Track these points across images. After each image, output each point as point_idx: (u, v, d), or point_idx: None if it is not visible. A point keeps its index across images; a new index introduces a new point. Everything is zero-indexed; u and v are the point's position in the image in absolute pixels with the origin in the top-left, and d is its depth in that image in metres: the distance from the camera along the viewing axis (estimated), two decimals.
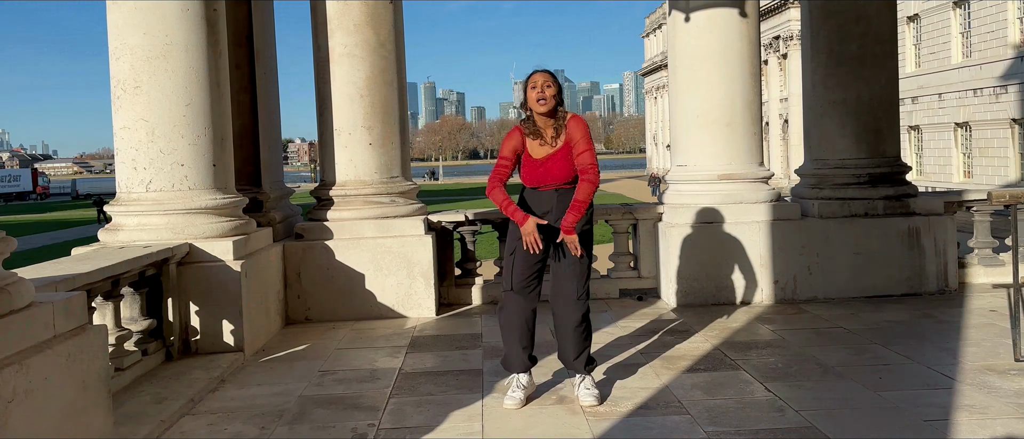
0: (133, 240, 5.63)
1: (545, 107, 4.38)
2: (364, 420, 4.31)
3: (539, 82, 4.39)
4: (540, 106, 4.38)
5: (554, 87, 4.41)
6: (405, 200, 7.23)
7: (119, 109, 5.75)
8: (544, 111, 4.39)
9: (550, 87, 4.39)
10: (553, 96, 4.40)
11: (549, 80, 4.41)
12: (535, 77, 4.43)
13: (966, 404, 4.23)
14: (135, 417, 4.32)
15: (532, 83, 4.43)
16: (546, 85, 4.38)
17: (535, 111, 4.41)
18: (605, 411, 4.33)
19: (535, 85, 4.40)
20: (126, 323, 5.17)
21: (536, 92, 4.38)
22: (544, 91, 4.37)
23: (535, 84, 4.40)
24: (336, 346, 5.99)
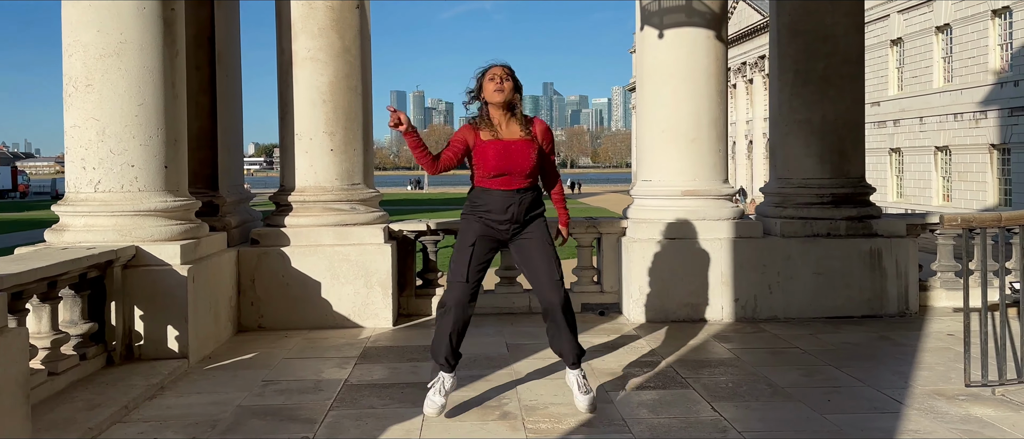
0: (79, 241, 5.50)
1: (501, 97, 4.31)
2: (299, 432, 4.20)
3: (498, 73, 4.34)
4: (496, 96, 4.31)
5: (511, 80, 4.35)
6: (366, 208, 7.13)
7: (70, 107, 5.63)
8: (500, 101, 4.31)
9: (507, 80, 4.33)
10: (511, 88, 4.34)
11: (507, 73, 4.35)
12: (494, 69, 4.37)
13: (910, 429, 4.18)
14: (62, 424, 4.18)
15: (491, 75, 4.36)
16: (504, 77, 4.33)
17: (491, 101, 4.33)
18: (547, 429, 4.25)
19: (494, 76, 4.33)
20: (64, 326, 5.04)
21: (495, 83, 4.31)
22: (502, 83, 4.31)
23: (494, 75, 4.34)
24: (285, 355, 5.87)
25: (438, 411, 4.35)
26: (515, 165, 4.32)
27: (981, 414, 4.38)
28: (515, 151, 4.33)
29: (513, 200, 4.35)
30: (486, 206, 4.37)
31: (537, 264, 4.41)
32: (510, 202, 4.34)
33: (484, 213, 4.38)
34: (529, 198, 4.40)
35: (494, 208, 4.36)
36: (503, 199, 4.35)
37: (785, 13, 7.45)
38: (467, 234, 4.43)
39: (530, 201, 4.41)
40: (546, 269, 4.39)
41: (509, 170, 4.32)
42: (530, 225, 4.43)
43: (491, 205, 4.36)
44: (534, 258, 4.41)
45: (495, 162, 4.31)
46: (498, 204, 4.35)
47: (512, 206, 4.34)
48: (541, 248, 4.41)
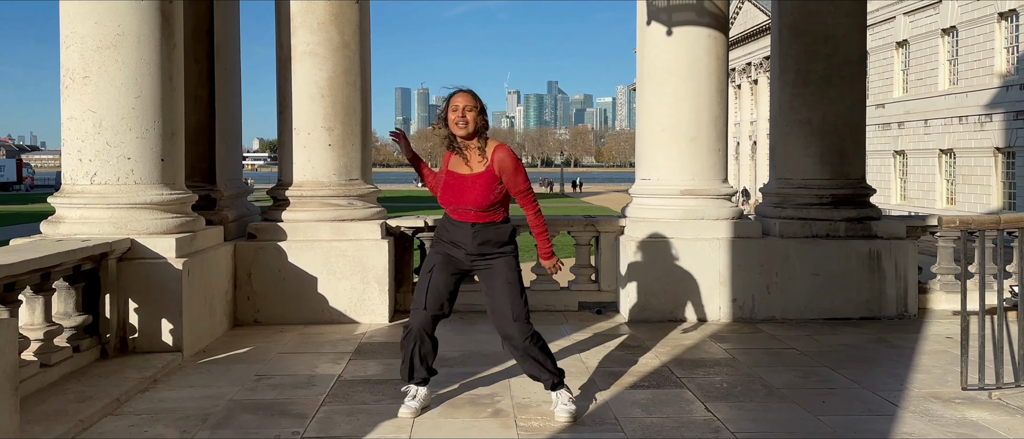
0: (74, 233, 5.49)
1: (464, 131, 4.26)
2: (289, 427, 4.19)
3: (460, 105, 4.27)
4: (458, 129, 4.27)
5: (475, 110, 4.28)
6: (363, 203, 7.12)
7: (67, 99, 5.62)
8: (463, 135, 4.28)
9: (471, 110, 4.26)
10: (474, 119, 4.26)
11: (471, 103, 4.28)
12: (456, 99, 4.30)
13: (905, 432, 4.15)
14: (53, 416, 4.18)
15: (453, 105, 4.29)
16: (467, 109, 4.26)
17: (455, 133, 4.30)
18: (539, 426, 4.23)
19: (456, 108, 4.27)
20: (57, 318, 5.04)
21: (457, 115, 4.26)
22: (465, 114, 4.25)
23: (456, 107, 4.28)
24: (279, 350, 5.86)
25: (414, 413, 4.34)
26: (464, 201, 4.29)
27: (976, 417, 4.34)
28: (466, 186, 4.28)
29: (468, 232, 4.31)
30: (447, 234, 4.39)
31: (498, 300, 4.33)
32: (465, 234, 4.31)
33: (445, 240, 4.39)
34: (488, 233, 4.30)
35: (454, 238, 4.36)
36: (460, 230, 4.34)
37: (787, 13, 7.42)
38: (429, 260, 4.46)
39: (490, 236, 4.30)
40: (506, 305, 4.29)
41: (458, 205, 4.31)
42: (496, 259, 4.34)
43: (451, 234, 4.38)
44: (496, 293, 4.33)
45: (446, 195, 4.34)
46: (456, 234, 4.35)
47: (467, 239, 4.31)
48: (503, 284, 4.31)
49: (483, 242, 4.30)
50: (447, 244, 4.39)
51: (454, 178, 4.32)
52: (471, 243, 4.30)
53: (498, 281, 4.32)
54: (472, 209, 4.27)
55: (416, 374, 4.42)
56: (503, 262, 4.33)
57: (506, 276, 4.31)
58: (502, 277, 4.31)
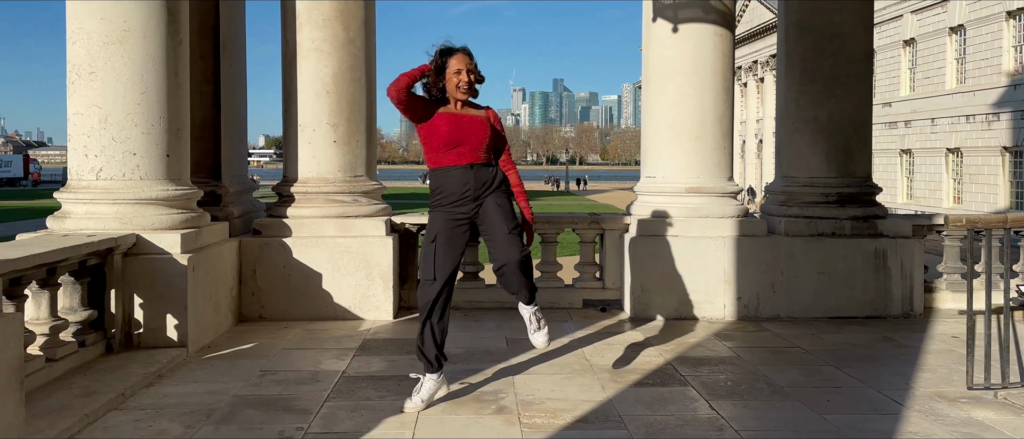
0: (80, 228, 5.51)
1: (465, 95, 4.28)
2: (293, 423, 4.19)
3: (463, 68, 4.23)
4: (460, 93, 4.26)
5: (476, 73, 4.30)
6: (368, 200, 7.12)
7: (73, 94, 5.63)
8: (464, 99, 4.29)
9: (473, 73, 4.27)
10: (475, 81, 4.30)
11: (472, 65, 4.27)
12: (456, 61, 4.23)
13: (909, 431, 4.13)
14: (58, 410, 4.19)
15: (454, 67, 4.22)
16: (471, 71, 4.26)
17: (453, 96, 4.28)
18: (542, 423, 4.23)
19: (459, 70, 4.22)
20: (63, 313, 5.05)
21: (461, 77, 4.22)
22: (470, 77, 4.24)
23: (459, 69, 4.22)
24: (284, 346, 5.87)
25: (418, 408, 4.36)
26: (468, 135, 4.27)
27: (982, 417, 4.33)
28: (467, 122, 4.29)
29: (469, 175, 4.30)
30: (444, 189, 4.33)
31: (494, 224, 4.33)
32: (466, 178, 4.29)
33: (445, 201, 4.34)
34: (486, 174, 4.34)
35: (453, 189, 4.31)
36: (460, 176, 4.29)
37: (793, 11, 7.39)
38: (431, 228, 4.41)
39: (487, 175, 4.34)
40: (502, 227, 4.31)
41: (462, 140, 4.27)
42: (493, 194, 4.37)
43: (449, 185, 4.31)
44: (491, 220, 4.33)
45: (447, 132, 4.26)
46: (454, 182, 4.30)
47: (469, 182, 4.29)
48: (497, 211, 4.33)
49: (483, 181, 4.33)
50: (448, 205, 4.35)
51: (455, 118, 4.29)
52: (473, 183, 4.29)
53: (490, 210, 4.33)
54: (475, 148, 4.29)
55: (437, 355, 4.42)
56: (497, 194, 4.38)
57: (498, 202, 4.35)
58: (494, 205, 4.34)
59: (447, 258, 4.33)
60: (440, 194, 4.37)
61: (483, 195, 4.34)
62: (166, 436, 4.00)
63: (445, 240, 4.33)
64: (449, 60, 4.25)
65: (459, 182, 4.30)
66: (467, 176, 4.30)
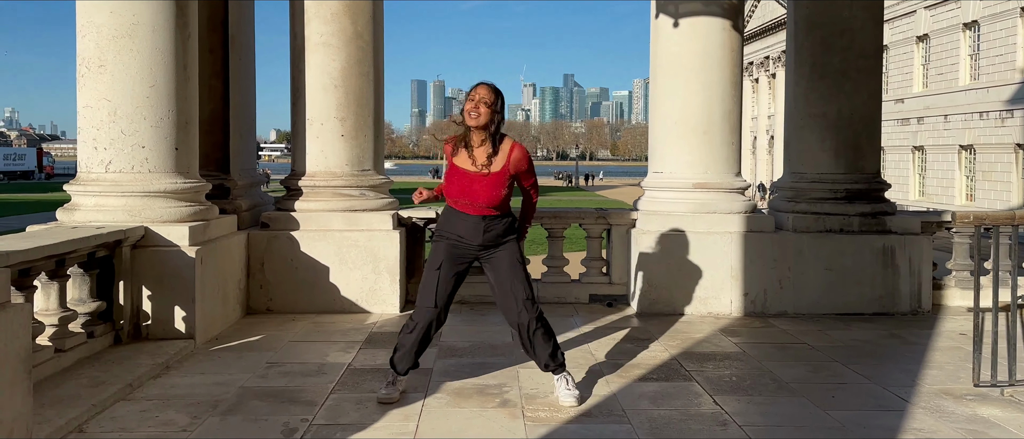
0: (89, 220, 5.55)
1: (475, 121, 4.29)
2: (298, 415, 4.22)
3: (476, 97, 4.31)
4: (470, 118, 4.31)
5: (488, 105, 4.29)
6: (375, 194, 7.14)
7: (83, 87, 5.67)
8: (474, 125, 4.31)
9: (484, 104, 4.29)
10: (488, 112, 4.29)
11: (489, 97, 4.31)
12: (476, 91, 4.34)
13: (914, 427, 4.12)
14: (67, 400, 4.23)
15: (470, 96, 4.34)
16: (483, 102, 4.29)
17: (466, 122, 4.34)
18: (546, 417, 4.24)
19: (472, 98, 4.32)
20: (72, 304, 5.10)
21: (471, 105, 4.30)
22: (478, 107, 4.29)
23: (473, 97, 4.32)
24: (290, 338, 5.90)
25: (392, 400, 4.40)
26: (474, 196, 4.33)
27: (988, 414, 4.31)
28: (476, 184, 4.32)
29: (478, 226, 4.37)
30: (452, 227, 4.42)
31: (505, 283, 4.41)
32: (474, 227, 4.37)
33: (450, 234, 4.42)
34: (496, 226, 4.39)
35: (460, 232, 4.40)
36: (466, 223, 4.38)
37: (803, 6, 7.35)
38: (435, 256, 4.47)
39: (497, 228, 4.39)
40: (517, 287, 4.38)
41: (468, 199, 4.35)
42: (502, 247, 4.43)
43: (457, 228, 4.41)
44: (503, 277, 4.42)
45: (454, 188, 4.37)
46: (462, 227, 4.40)
47: (477, 233, 4.37)
48: (509, 268, 4.40)
49: (492, 234, 4.38)
50: (454, 238, 4.41)
51: (462, 174, 4.34)
52: (480, 236, 4.36)
53: (504, 266, 4.40)
54: (483, 205, 4.33)
55: (408, 367, 4.50)
56: (508, 248, 4.42)
57: (513, 258, 4.42)
58: (508, 261, 4.41)
59: (448, 287, 4.42)
60: (448, 229, 4.43)
61: (491, 246, 4.42)
62: (173, 426, 4.03)
63: (449, 270, 4.41)
64: (472, 90, 4.37)
65: (468, 228, 4.38)
66: (477, 227, 4.37)
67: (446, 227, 4.45)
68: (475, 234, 4.37)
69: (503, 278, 4.41)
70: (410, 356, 4.48)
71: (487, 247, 4.40)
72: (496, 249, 4.42)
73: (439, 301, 4.39)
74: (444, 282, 4.39)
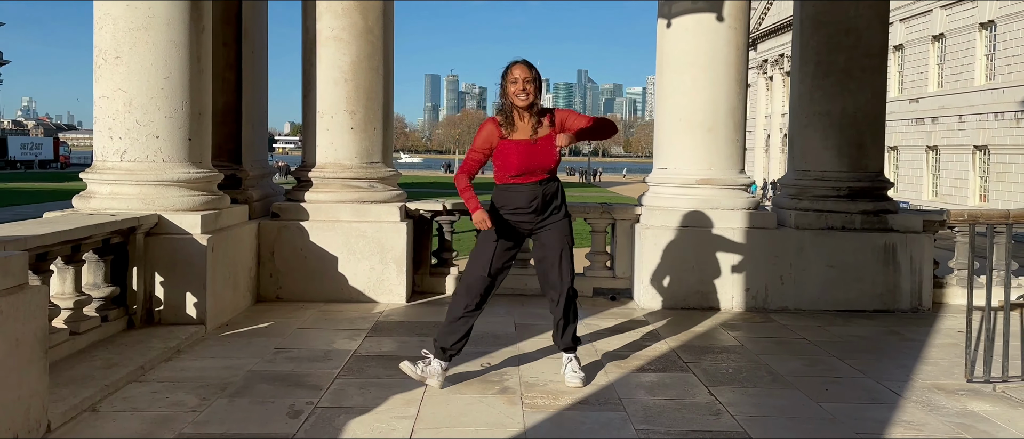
0: (104, 208, 5.71)
1: (526, 100, 4.43)
2: (304, 398, 4.36)
3: (519, 77, 4.43)
4: (520, 100, 4.43)
5: (534, 82, 4.45)
6: (384, 186, 7.27)
7: (99, 78, 5.82)
8: (524, 105, 4.44)
9: (530, 83, 4.43)
10: (534, 89, 4.45)
11: (529, 74, 4.44)
12: (515, 71, 4.46)
13: (904, 420, 4.21)
14: (81, 380, 4.38)
15: (512, 77, 4.46)
16: (527, 80, 4.43)
17: (515, 104, 4.46)
18: (543, 404, 4.35)
19: (515, 80, 4.44)
20: (87, 288, 5.25)
21: (517, 86, 4.42)
22: (526, 86, 4.42)
23: (515, 79, 4.44)
24: (299, 325, 6.04)
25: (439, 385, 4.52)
26: (538, 163, 4.50)
27: (978, 409, 4.39)
28: (539, 151, 4.48)
29: (536, 193, 4.53)
30: (511, 203, 4.55)
31: (552, 259, 4.60)
32: (533, 195, 4.53)
33: (509, 209, 4.55)
34: (551, 189, 4.58)
35: (519, 204, 4.54)
36: (527, 193, 4.53)
37: (809, 5, 7.41)
38: (490, 232, 4.56)
39: (552, 192, 4.59)
40: (564, 263, 4.60)
41: (531, 169, 4.49)
42: (555, 220, 4.61)
43: (516, 201, 4.54)
44: (552, 254, 4.61)
45: (518, 162, 4.48)
46: (522, 199, 4.54)
47: (536, 199, 4.53)
48: (560, 239, 4.61)
49: (550, 197, 4.55)
50: (510, 213, 4.54)
51: (522, 146, 4.46)
52: (540, 201, 4.52)
53: (555, 241, 4.58)
54: (544, 169, 4.50)
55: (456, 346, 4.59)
56: (564, 223, 4.63)
57: (565, 237, 4.62)
58: (560, 237, 4.60)
59: (502, 259, 4.58)
60: (507, 206, 4.57)
61: (548, 211, 4.58)
62: (182, 407, 4.17)
63: (506, 244, 4.57)
64: (509, 71, 4.48)
65: (527, 199, 4.53)
66: (535, 193, 4.53)
67: (502, 202, 4.56)
68: (536, 200, 4.51)
69: (550, 252, 4.59)
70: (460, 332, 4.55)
71: (545, 215, 4.55)
72: (553, 219, 4.57)
73: (493, 269, 4.53)
74: (500, 254, 4.54)
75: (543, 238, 4.62)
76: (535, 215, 4.55)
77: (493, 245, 4.55)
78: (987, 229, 4.65)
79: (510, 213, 4.56)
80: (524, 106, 4.45)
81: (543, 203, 4.54)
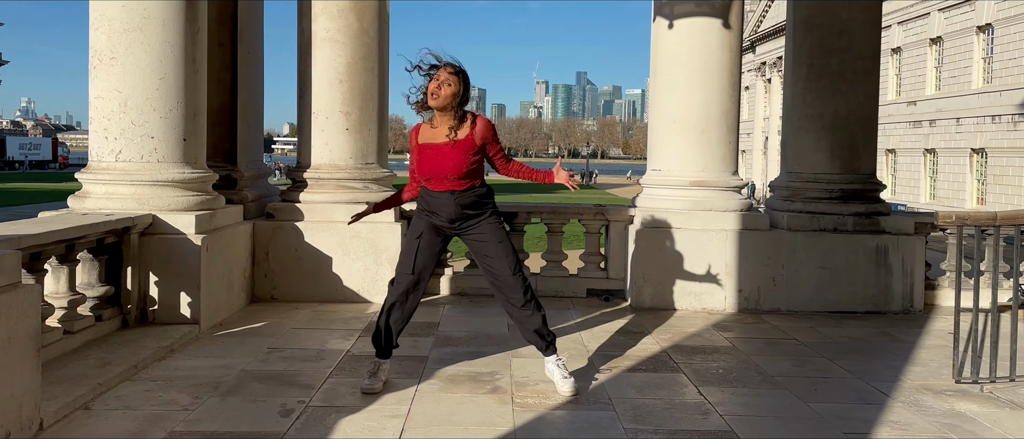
0: (99, 207, 5.73)
1: (435, 102, 4.33)
2: (296, 397, 4.39)
3: (441, 77, 4.34)
4: (431, 100, 4.34)
5: (454, 87, 4.32)
6: (379, 186, 7.30)
7: (95, 79, 5.84)
8: (434, 105, 4.35)
9: (450, 85, 4.32)
10: (450, 95, 4.31)
11: (450, 78, 4.33)
12: (440, 71, 4.36)
13: (891, 420, 4.24)
14: (74, 379, 4.40)
15: (436, 76, 4.36)
16: (445, 83, 4.32)
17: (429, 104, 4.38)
18: (534, 403, 4.38)
19: (437, 78, 4.35)
20: (81, 288, 5.28)
21: (434, 84, 4.34)
22: (440, 88, 4.32)
23: (438, 77, 4.35)
24: (293, 325, 6.07)
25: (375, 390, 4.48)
26: (440, 169, 4.39)
27: (965, 409, 4.42)
28: (441, 155, 4.37)
29: (448, 201, 4.43)
30: (428, 206, 4.53)
31: (493, 260, 4.50)
32: (446, 202, 4.44)
33: (428, 212, 4.54)
34: (466, 199, 4.44)
35: (434, 208, 4.50)
36: (438, 200, 4.46)
37: (802, 8, 7.45)
38: (415, 227, 4.59)
39: (468, 202, 4.45)
40: (502, 263, 4.48)
41: (435, 174, 4.41)
42: (481, 223, 4.50)
43: (431, 205, 4.51)
44: (489, 256, 4.51)
45: (423, 167, 4.45)
46: (435, 204, 4.48)
47: (448, 207, 4.44)
48: (494, 244, 4.49)
49: (465, 206, 4.44)
50: (429, 215, 4.53)
51: (429, 149, 4.41)
52: (453, 210, 4.43)
53: (489, 243, 4.49)
54: (450, 177, 4.38)
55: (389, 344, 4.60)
56: (488, 224, 4.51)
57: (494, 235, 4.49)
58: (491, 238, 4.49)
59: (426, 254, 4.53)
60: (425, 207, 4.55)
61: (468, 219, 4.49)
62: (174, 405, 4.20)
63: (429, 240, 4.54)
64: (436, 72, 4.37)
65: (438, 204, 4.47)
66: (448, 201, 4.43)
67: (422, 205, 4.56)
68: (449, 208, 4.42)
69: (489, 256, 4.50)
70: (389, 334, 4.57)
71: (462, 220, 4.46)
72: (475, 224, 4.48)
73: (417, 267, 4.49)
74: (423, 250, 4.51)
75: (476, 249, 4.56)
76: (449, 222, 4.49)
77: (416, 242, 4.52)
78: (975, 231, 4.68)
79: (430, 213, 4.52)
80: (433, 106, 4.35)
81: (455, 211, 4.44)
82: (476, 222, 4.51)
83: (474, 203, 4.48)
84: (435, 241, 4.59)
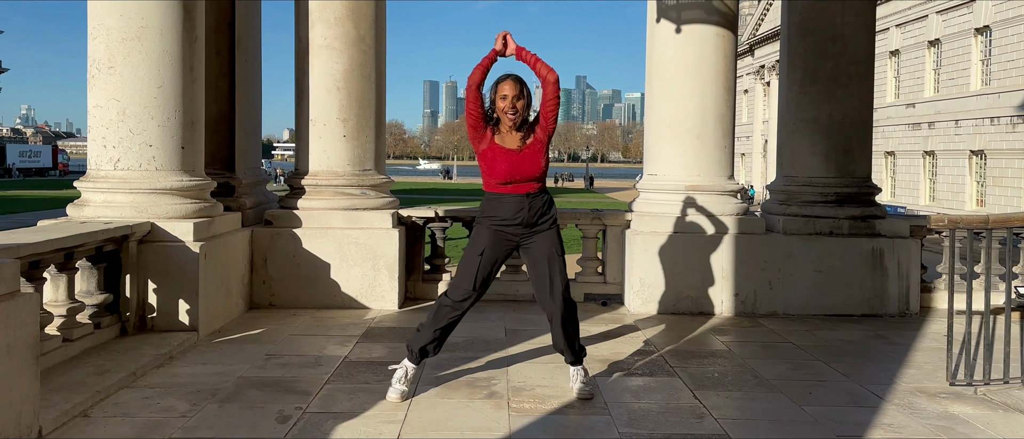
0: (98, 216, 5.77)
1: (513, 120, 4.37)
2: (293, 403, 4.41)
3: (508, 94, 4.35)
4: (509, 119, 4.37)
5: (524, 99, 4.38)
6: (376, 193, 7.34)
7: (93, 88, 5.88)
8: (511, 125, 4.39)
9: (521, 99, 4.35)
10: (523, 107, 4.37)
11: (519, 91, 4.35)
12: (503, 87, 4.37)
13: (885, 423, 4.26)
14: (73, 386, 4.43)
15: (501, 93, 4.37)
16: (516, 98, 4.35)
17: (503, 122, 4.42)
18: (529, 408, 4.41)
19: (504, 96, 4.36)
20: (80, 296, 5.31)
21: (506, 103, 4.35)
22: (515, 104, 4.34)
23: (504, 95, 4.36)
24: (291, 332, 6.10)
25: (401, 397, 4.48)
26: (524, 173, 4.43)
27: (958, 412, 4.45)
28: (524, 161, 4.41)
29: (523, 205, 4.46)
30: (497, 212, 4.49)
31: (542, 272, 4.52)
32: (520, 207, 4.45)
33: (496, 220, 4.50)
34: (539, 202, 4.50)
35: (505, 214, 4.48)
36: (514, 204, 4.46)
37: (796, 12, 7.50)
38: (478, 242, 4.54)
39: (541, 204, 4.50)
40: (554, 276, 4.50)
41: (518, 178, 4.43)
42: (541, 231, 4.52)
43: (502, 211, 4.48)
44: (541, 267, 4.52)
45: (504, 171, 4.42)
46: (509, 210, 4.47)
47: (522, 211, 4.46)
48: (549, 258, 4.51)
49: (537, 209, 4.47)
50: (498, 223, 4.49)
51: (505, 153, 4.40)
52: (527, 213, 4.44)
53: (543, 252, 4.50)
54: (529, 180, 4.43)
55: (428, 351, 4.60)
56: (551, 234, 4.54)
57: (554, 248, 4.52)
58: (549, 249, 4.50)
59: (488, 272, 4.53)
60: (494, 215, 4.51)
61: (537, 224, 4.51)
62: (172, 412, 4.23)
63: (490, 255, 4.51)
64: (499, 85, 4.40)
65: (513, 210, 4.46)
66: (522, 205, 4.45)
67: (489, 211, 4.50)
68: (523, 212, 4.43)
69: (540, 266, 4.51)
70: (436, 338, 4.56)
71: (532, 226, 4.47)
72: (540, 231, 4.49)
73: (478, 285, 4.49)
74: (484, 267, 4.49)
75: (533, 257, 4.55)
76: (522, 227, 4.49)
77: (477, 259, 4.49)
78: (968, 234, 4.71)
79: (499, 226, 4.49)
80: (511, 126, 4.41)
81: (530, 215, 4.46)
82: (542, 231, 4.52)
83: (543, 206, 4.51)
84: (498, 255, 4.55)
